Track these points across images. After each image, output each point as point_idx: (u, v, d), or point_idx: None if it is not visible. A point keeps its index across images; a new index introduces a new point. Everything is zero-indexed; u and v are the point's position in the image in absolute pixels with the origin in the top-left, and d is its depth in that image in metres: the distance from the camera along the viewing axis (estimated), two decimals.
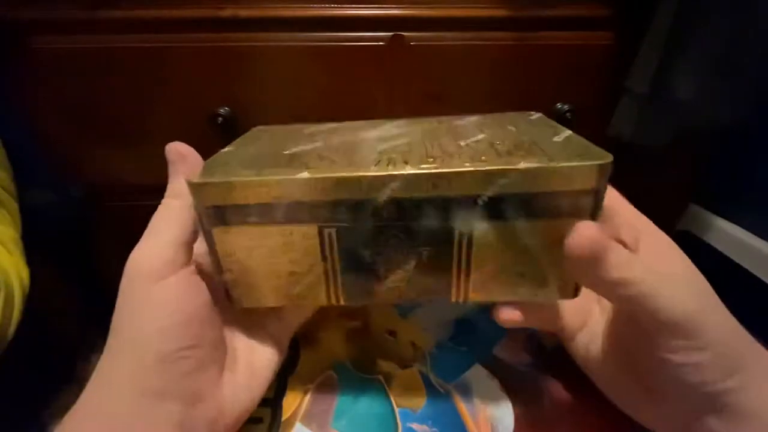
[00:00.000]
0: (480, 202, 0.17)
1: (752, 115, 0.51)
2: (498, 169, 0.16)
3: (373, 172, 0.17)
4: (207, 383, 0.19)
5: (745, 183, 0.59)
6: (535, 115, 0.25)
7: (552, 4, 0.53)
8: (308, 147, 0.21)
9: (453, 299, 0.20)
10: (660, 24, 0.48)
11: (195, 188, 0.18)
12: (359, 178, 0.17)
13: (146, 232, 0.19)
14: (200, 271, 0.20)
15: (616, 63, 0.54)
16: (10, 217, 0.48)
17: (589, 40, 0.55)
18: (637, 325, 0.18)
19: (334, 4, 0.52)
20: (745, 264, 0.56)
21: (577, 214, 0.17)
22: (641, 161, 0.50)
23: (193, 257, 0.20)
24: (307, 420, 0.23)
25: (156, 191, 0.20)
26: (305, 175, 0.17)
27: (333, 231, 0.18)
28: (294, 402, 0.23)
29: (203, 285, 0.19)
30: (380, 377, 0.25)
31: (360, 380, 0.25)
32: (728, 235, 0.59)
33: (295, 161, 0.18)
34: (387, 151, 0.19)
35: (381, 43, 0.53)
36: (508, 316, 0.22)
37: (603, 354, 0.22)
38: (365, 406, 0.23)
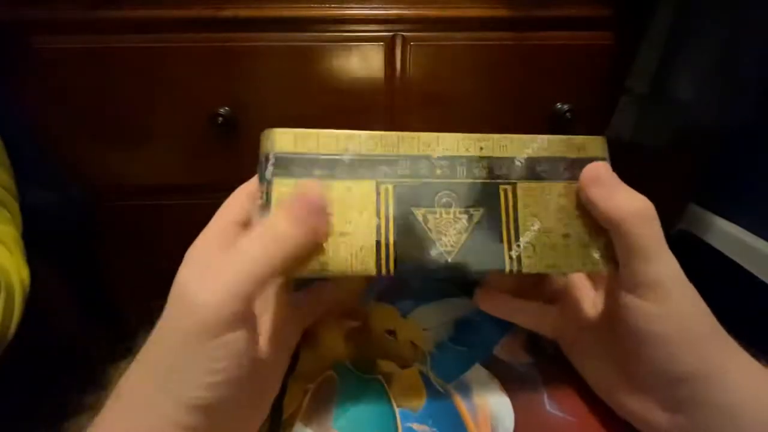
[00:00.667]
0: (518, 162, 0.21)
1: (752, 115, 0.51)
2: (530, 137, 0.21)
3: (429, 132, 0.21)
4: (242, 423, 0.20)
5: (745, 183, 0.59)
6: None
7: (552, 4, 0.53)
8: None
9: (507, 269, 0.20)
10: (660, 24, 0.48)
11: (268, 135, 0.20)
12: (418, 135, 0.21)
13: (226, 260, 0.17)
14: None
15: (616, 63, 0.54)
16: (10, 217, 0.48)
17: (589, 40, 0.55)
18: (616, 293, 0.20)
19: (334, 4, 0.52)
20: (745, 264, 0.56)
21: None
22: (641, 161, 0.50)
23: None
24: (307, 420, 0.23)
25: (156, 191, 0.20)
26: (370, 131, 0.20)
27: (390, 186, 0.20)
28: (294, 402, 0.23)
29: (256, 334, 0.19)
30: (380, 377, 0.25)
31: (360, 380, 0.25)
32: (728, 235, 0.59)
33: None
34: None
35: (381, 43, 0.53)
36: (484, 297, 0.25)
37: (595, 355, 0.23)
38: (365, 406, 0.23)
